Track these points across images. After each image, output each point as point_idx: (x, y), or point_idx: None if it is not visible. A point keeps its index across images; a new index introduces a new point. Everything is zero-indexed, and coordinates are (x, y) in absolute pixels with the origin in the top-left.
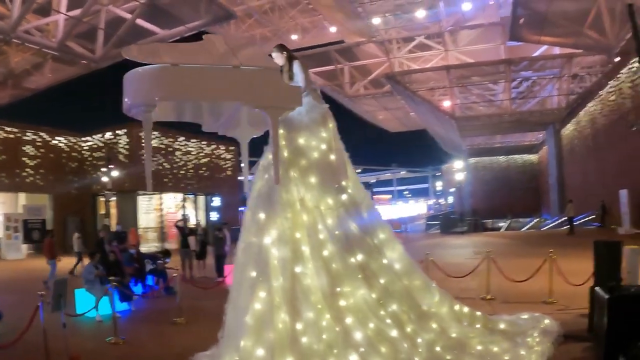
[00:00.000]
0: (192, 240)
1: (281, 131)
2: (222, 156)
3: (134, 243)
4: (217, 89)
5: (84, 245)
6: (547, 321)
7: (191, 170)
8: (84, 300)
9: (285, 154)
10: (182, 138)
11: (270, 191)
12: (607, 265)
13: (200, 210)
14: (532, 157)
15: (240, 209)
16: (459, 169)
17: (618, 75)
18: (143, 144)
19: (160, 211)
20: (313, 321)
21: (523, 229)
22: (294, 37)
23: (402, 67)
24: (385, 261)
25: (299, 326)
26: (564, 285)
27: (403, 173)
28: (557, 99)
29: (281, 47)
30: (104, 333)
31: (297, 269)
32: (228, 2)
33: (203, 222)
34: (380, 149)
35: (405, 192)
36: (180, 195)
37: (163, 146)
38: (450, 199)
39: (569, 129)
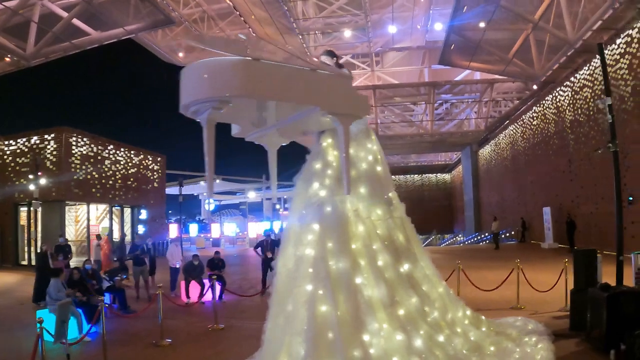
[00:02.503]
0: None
1: (329, 140)
2: (150, 167)
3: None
4: (298, 90)
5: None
6: (532, 324)
7: (119, 181)
8: (48, 323)
9: (335, 164)
10: (111, 146)
11: (322, 202)
12: (586, 270)
13: (127, 223)
14: (446, 177)
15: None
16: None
17: (542, 102)
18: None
19: (80, 223)
20: (378, 331)
21: (442, 245)
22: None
23: None
24: (426, 270)
25: (366, 337)
26: (528, 292)
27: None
28: (475, 121)
29: (331, 53)
30: None
31: (358, 280)
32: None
33: (128, 236)
34: (295, 164)
35: None
36: (102, 207)
37: (92, 154)
38: None
39: (486, 150)
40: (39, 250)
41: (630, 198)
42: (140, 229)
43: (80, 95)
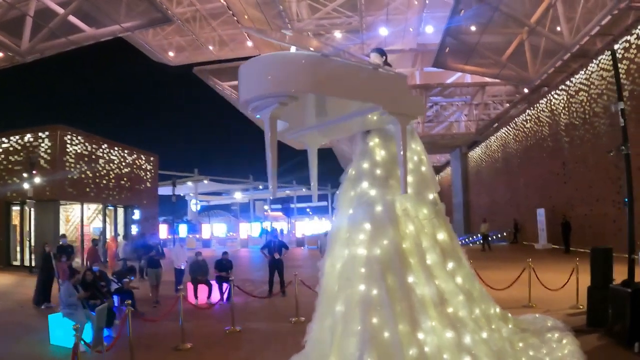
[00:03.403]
0: None
1: (377, 140)
2: (143, 167)
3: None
4: (363, 88)
5: None
6: (550, 320)
7: (113, 181)
8: (60, 328)
9: (382, 164)
10: (105, 145)
11: (373, 201)
12: (602, 268)
13: (120, 223)
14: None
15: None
16: None
17: (536, 105)
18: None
19: (70, 223)
20: (431, 330)
21: None
22: (210, 48)
23: None
24: (467, 269)
25: (420, 336)
26: (537, 291)
27: (304, 190)
28: (464, 123)
29: (380, 51)
30: None
31: (410, 279)
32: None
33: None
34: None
35: (307, 210)
36: (93, 207)
37: (87, 153)
38: None
39: (476, 152)
40: (44, 251)
41: (627, 199)
42: (134, 230)
43: (73, 94)
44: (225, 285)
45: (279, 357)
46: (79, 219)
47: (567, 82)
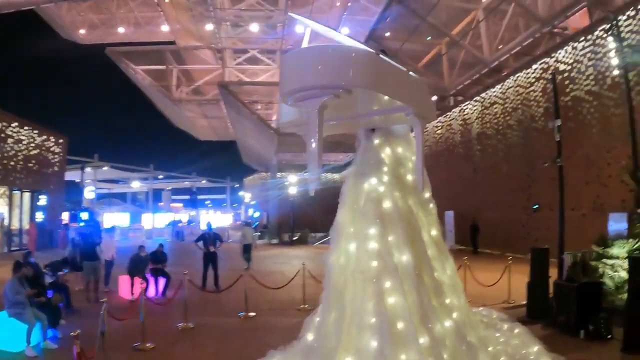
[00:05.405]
0: None
1: (382, 138)
2: (51, 149)
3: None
4: (401, 89)
5: None
6: (495, 313)
7: (21, 162)
8: (5, 330)
9: (387, 161)
10: (15, 124)
11: (381, 197)
12: (540, 266)
13: (25, 208)
14: (336, 176)
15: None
16: (291, 183)
17: (449, 113)
18: None
19: None
20: (436, 319)
21: None
22: (121, 29)
23: (232, 77)
24: (452, 263)
25: (429, 325)
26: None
27: (203, 182)
28: None
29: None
30: None
31: (417, 272)
32: None
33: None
34: (183, 156)
35: (207, 202)
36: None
37: None
38: (251, 212)
39: None
40: None
41: (536, 206)
42: (39, 216)
43: None
44: (161, 279)
45: (247, 353)
46: None
47: (483, 94)
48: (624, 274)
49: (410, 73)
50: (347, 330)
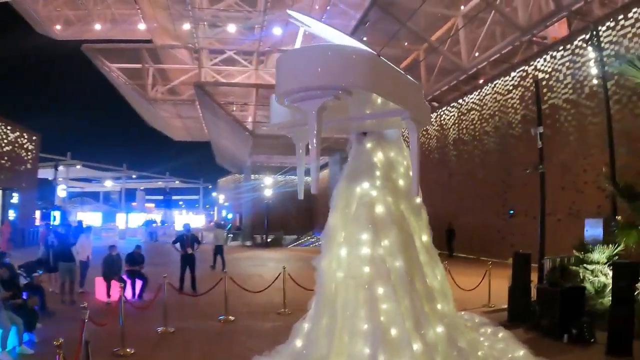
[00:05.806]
0: None
1: (374, 142)
2: (24, 146)
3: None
4: (399, 92)
5: None
6: (477, 317)
7: None
8: None
9: (380, 165)
10: None
11: (374, 202)
12: (523, 271)
13: None
14: (308, 179)
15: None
16: (265, 184)
17: None
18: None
19: None
20: (430, 325)
21: (312, 246)
22: (97, 26)
23: (207, 77)
24: (442, 268)
25: (421, 331)
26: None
27: (177, 183)
28: None
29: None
30: None
31: (409, 277)
32: None
33: None
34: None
35: (180, 203)
36: None
37: None
38: (225, 213)
39: None
40: None
41: (512, 212)
42: (11, 215)
43: None
44: (138, 281)
45: (230, 358)
46: None
47: (460, 100)
48: (603, 279)
49: (408, 77)
50: (339, 337)
